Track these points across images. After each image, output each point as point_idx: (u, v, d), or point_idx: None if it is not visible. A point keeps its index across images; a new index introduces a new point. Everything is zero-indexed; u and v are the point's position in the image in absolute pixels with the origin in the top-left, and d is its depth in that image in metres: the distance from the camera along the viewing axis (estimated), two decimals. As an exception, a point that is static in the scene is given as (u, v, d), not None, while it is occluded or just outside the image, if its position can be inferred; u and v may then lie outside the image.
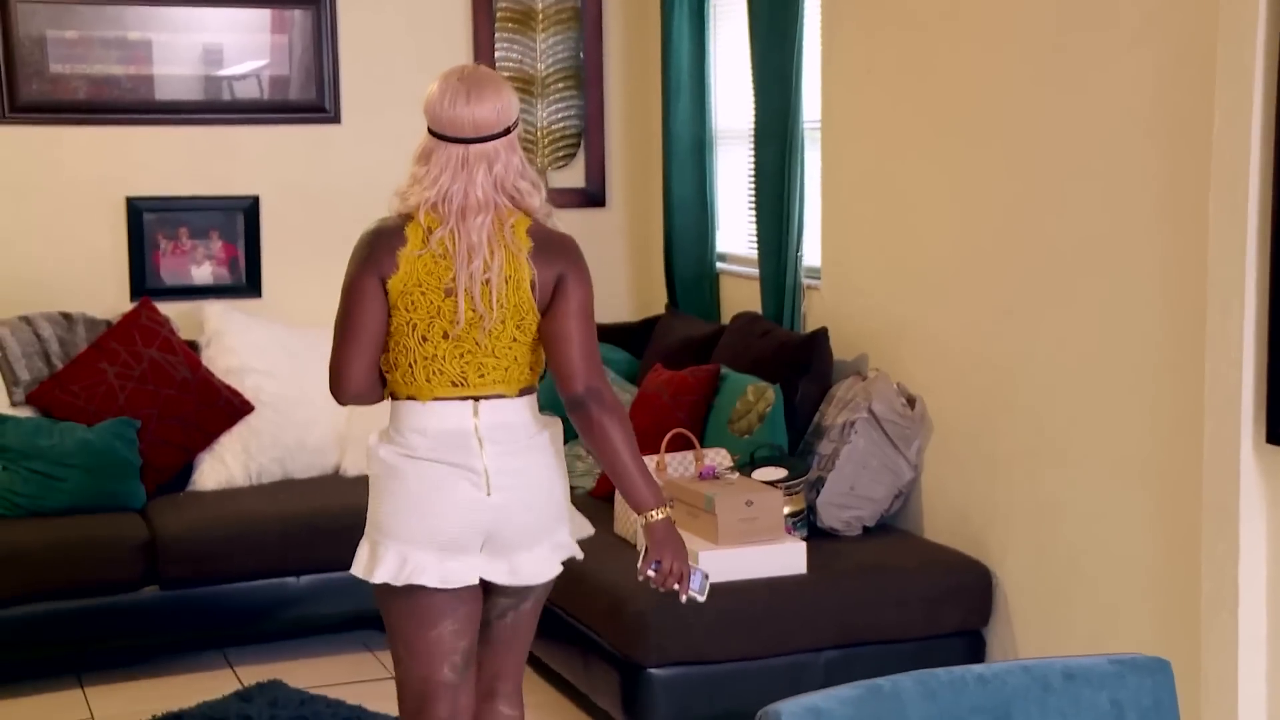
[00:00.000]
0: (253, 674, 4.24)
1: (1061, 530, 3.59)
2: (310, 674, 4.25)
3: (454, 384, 2.71)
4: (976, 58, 3.80)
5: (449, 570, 2.70)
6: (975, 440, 3.86)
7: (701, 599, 2.76)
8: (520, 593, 2.82)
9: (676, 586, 2.73)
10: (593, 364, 2.73)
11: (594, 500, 4.32)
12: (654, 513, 2.73)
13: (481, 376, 2.72)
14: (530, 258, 2.70)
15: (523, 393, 2.77)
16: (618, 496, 4.01)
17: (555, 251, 2.73)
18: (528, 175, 2.76)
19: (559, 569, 2.81)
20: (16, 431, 4.39)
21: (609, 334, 5.17)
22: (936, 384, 4.00)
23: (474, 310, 2.67)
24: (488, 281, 2.66)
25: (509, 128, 2.74)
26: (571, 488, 4.10)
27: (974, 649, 3.80)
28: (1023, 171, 3.66)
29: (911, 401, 4.02)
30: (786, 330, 4.45)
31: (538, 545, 2.77)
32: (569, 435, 2.99)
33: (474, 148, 2.71)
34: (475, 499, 2.69)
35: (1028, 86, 3.62)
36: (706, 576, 2.76)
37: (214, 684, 4.15)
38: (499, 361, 2.72)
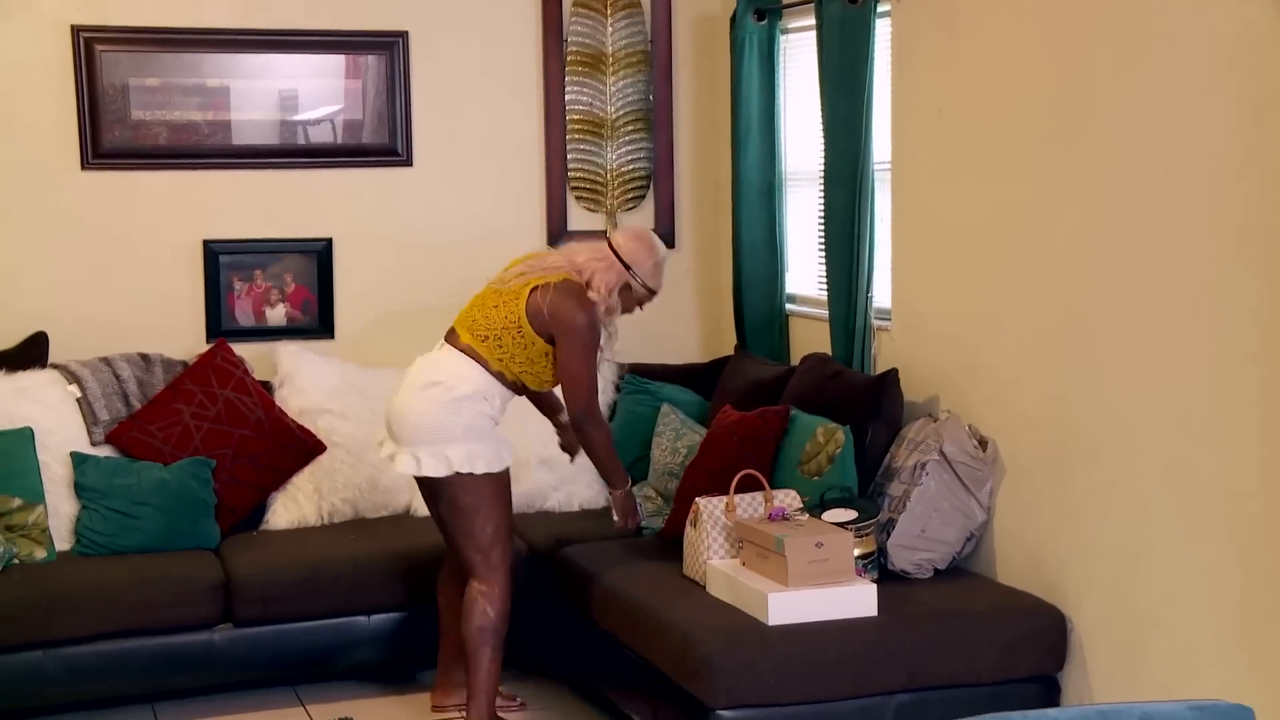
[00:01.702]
0: (325, 712, 4.28)
1: (1139, 574, 3.56)
2: (382, 712, 4.28)
3: (447, 331, 3.99)
4: (1047, 98, 3.80)
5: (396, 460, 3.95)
6: (1049, 483, 3.83)
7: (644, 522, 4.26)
8: (425, 484, 3.95)
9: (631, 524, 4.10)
10: (577, 396, 3.88)
11: (663, 540, 4.34)
12: (616, 491, 4.06)
13: (466, 331, 3.91)
14: (535, 293, 3.88)
15: (464, 351, 3.89)
16: (685, 538, 4.02)
17: (551, 303, 3.87)
18: (605, 287, 3.92)
19: (438, 474, 3.86)
20: (96, 471, 4.49)
21: (678, 375, 5.20)
22: (1009, 426, 3.98)
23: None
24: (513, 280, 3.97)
25: (623, 261, 3.96)
26: (641, 528, 4.27)
27: (1048, 695, 3.76)
28: (1097, 211, 3.65)
29: (983, 443, 4.00)
30: (856, 372, 4.45)
31: (419, 449, 3.86)
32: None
33: (600, 242, 4.06)
34: (390, 399, 3.98)
35: (1101, 126, 3.62)
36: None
37: (285, 722, 4.21)
38: (476, 325, 3.90)
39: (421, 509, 4.75)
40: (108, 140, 4.89)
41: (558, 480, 4.85)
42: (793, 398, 4.45)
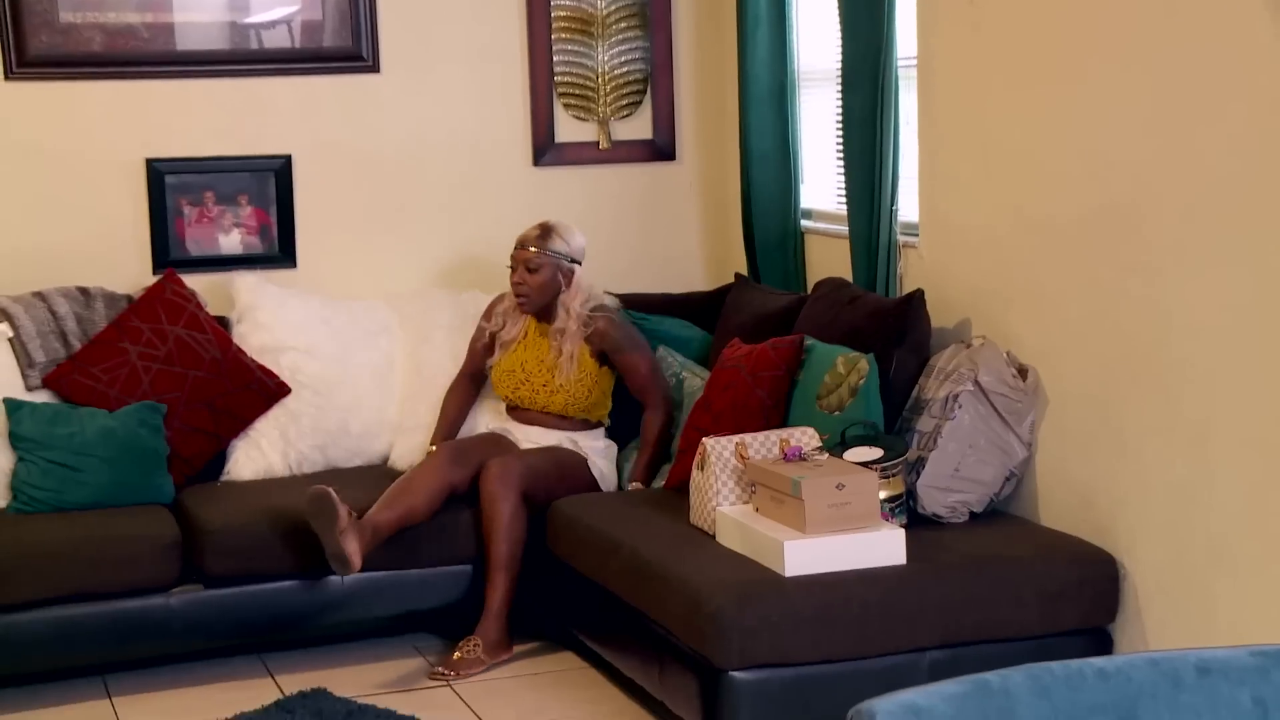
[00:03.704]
0: (295, 682, 4.30)
1: (1200, 514, 3.55)
2: (357, 681, 4.30)
3: None
4: (1093, -20, 3.75)
5: None
6: (1098, 415, 3.82)
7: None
8: None
9: None
10: None
11: (668, 491, 4.35)
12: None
13: None
14: None
15: None
16: (692, 483, 4.02)
17: None
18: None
19: None
20: (33, 419, 4.48)
21: (679, 305, 5.18)
22: (1052, 352, 3.96)
23: None
24: None
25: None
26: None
27: (1100, 648, 3.77)
28: (1152, 110, 3.61)
29: (1023, 372, 3.99)
30: (878, 295, 4.43)
31: None
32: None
33: None
34: None
35: (1157, 10, 3.57)
36: None
37: (253, 693, 4.21)
38: None
39: (403, 461, 4.77)
40: (34, 47, 4.84)
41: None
42: (807, 327, 4.42)
